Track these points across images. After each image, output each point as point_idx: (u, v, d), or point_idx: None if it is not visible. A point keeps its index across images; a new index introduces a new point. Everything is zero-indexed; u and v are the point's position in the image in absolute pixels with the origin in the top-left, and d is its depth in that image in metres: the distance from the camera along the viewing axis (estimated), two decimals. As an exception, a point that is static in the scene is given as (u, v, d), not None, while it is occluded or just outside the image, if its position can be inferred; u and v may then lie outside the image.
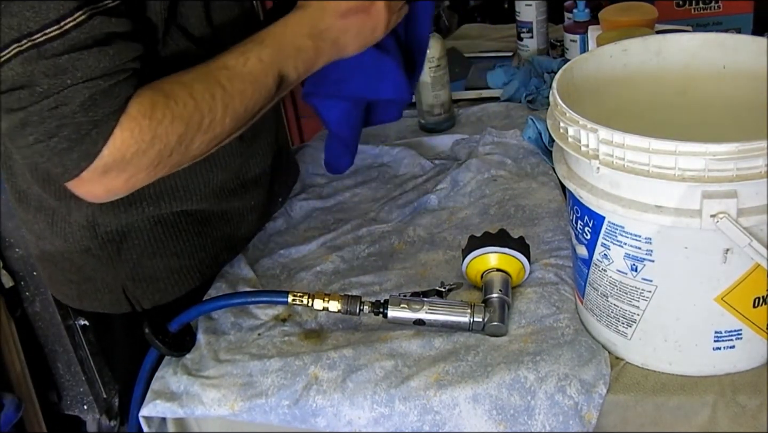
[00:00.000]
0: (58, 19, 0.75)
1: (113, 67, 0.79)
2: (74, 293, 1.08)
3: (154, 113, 0.81)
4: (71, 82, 0.76)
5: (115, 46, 0.80)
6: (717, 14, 1.54)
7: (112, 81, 0.79)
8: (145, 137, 0.81)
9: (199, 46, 0.94)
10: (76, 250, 1.02)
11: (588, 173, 0.77)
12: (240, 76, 0.88)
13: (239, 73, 0.88)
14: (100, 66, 0.78)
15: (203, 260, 1.08)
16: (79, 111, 0.77)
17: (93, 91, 0.77)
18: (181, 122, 0.83)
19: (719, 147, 0.67)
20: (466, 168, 1.22)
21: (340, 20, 0.95)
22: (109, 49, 0.79)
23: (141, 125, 0.80)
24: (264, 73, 0.90)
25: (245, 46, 0.90)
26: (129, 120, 0.80)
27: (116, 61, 0.79)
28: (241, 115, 0.89)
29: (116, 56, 0.79)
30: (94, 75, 0.78)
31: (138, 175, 0.83)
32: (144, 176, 0.84)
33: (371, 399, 0.85)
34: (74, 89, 0.77)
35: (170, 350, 0.94)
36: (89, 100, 0.77)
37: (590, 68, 0.90)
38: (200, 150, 0.87)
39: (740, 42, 0.89)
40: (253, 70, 0.89)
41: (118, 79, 0.79)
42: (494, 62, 1.62)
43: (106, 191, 0.84)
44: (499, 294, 0.90)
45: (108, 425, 1.95)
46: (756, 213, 0.70)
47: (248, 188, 1.11)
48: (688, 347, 0.80)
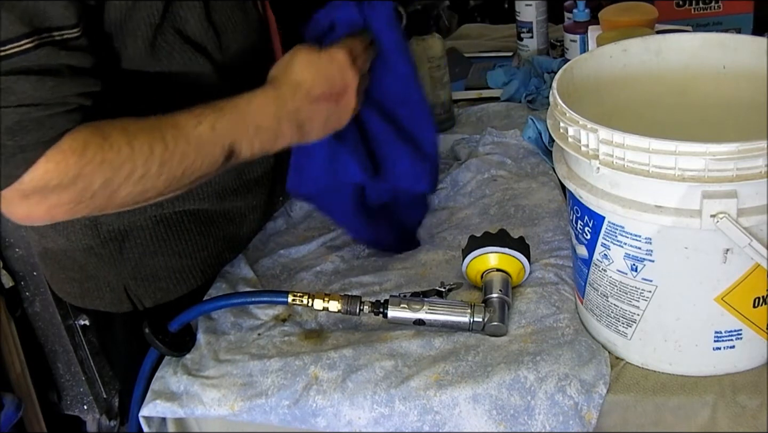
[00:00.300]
0: (4, 42, 0.74)
1: (50, 99, 0.77)
2: (76, 291, 1.08)
3: (85, 152, 0.79)
4: (2, 104, 0.75)
5: (58, 78, 0.78)
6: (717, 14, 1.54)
7: (46, 112, 0.77)
8: (69, 173, 0.79)
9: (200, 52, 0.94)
10: (78, 248, 1.02)
11: (588, 173, 0.77)
12: (186, 138, 0.84)
13: (186, 135, 0.84)
14: (35, 95, 0.76)
15: (205, 260, 1.08)
16: (4, 134, 0.76)
17: (22, 118, 0.76)
18: (110, 168, 0.80)
19: (719, 147, 0.67)
20: (466, 168, 1.22)
21: (310, 105, 0.91)
22: (50, 80, 0.77)
23: (68, 161, 0.78)
24: (212, 143, 0.85)
25: (203, 110, 0.86)
26: (57, 153, 0.78)
27: (55, 93, 0.78)
28: (178, 178, 0.85)
29: (55, 88, 0.78)
30: (27, 102, 0.76)
31: (59, 208, 0.81)
32: (65, 211, 0.82)
33: (371, 399, 0.85)
34: (3, 112, 0.75)
35: (170, 350, 0.94)
36: (17, 125, 0.76)
37: (590, 68, 0.90)
38: (127, 200, 0.84)
39: (740, 42, 0.89)
40: (202, 136, 0.85)
41: (55, 111, 0.78)
42: (494, 62, 1.62)
43: (26, 216, 0.82)
44: (499, 294, 0.90)
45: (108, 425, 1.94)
46: (756, 213, 0.70)
47: (250, 188, 1.11)
48: (688, 347, 0.80)
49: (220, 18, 0.98)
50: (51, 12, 0.77)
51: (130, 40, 0.88)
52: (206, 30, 0.95)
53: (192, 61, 0.94)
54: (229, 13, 0.99)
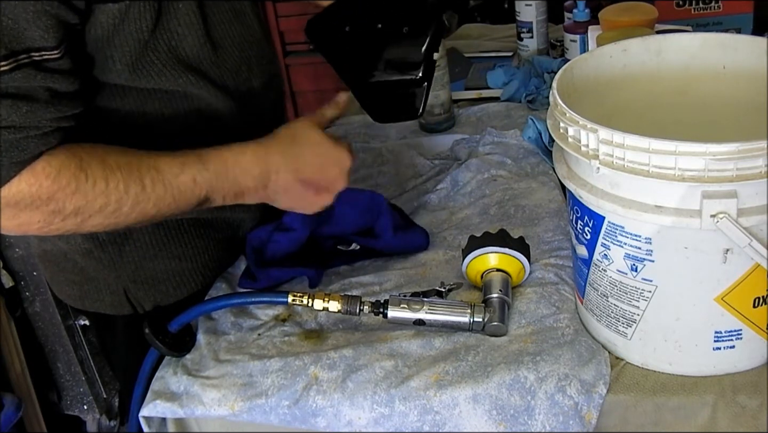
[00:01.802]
0: None
1: (23, 123, 0.77)
2: (76, 293, 1.08)
3: (59, 178, 0.79)
4: None
5: (33, 103, 0.78)
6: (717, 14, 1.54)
7: (19, 135, 0.77)
8: (42, 196, 0.79)
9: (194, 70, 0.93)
10: (77, 251, 1.02)
11: (588, 173, 0.77)
12: (165, 184, 0.86)
13: (166, 182, 0.86)
14: (8, 119, 0.76)
15: (206, 263, 1.07)
16: None
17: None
18: (82, 197, 0.81)
19: (719, 147, 0.67)
20: (466, 168, 1.22)
21: (293, 183, 0.94)
22: (24, 105, 0.77)
23: (41, 183, 0.79)
24: (191, 191, 0.88)
25: (186, 158, 0.87)
26: (31, 174, 0.78)
27: (29, 119, 0.77)
28: (150, 216, 0.88)
29: (30, 114, 0.77)
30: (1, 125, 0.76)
31: (30, 225, 0.82)
32: (36, 229, 0.83)
33: (371, 399, 0.85)
34: None
35: (170, 350, 0.94)
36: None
37: (590, 68, 0.90)
38: (97, 228, 0.86)
39: (740, 42, 0.89)
40: (181, 185, 0.87)
41: (28, 134, 0.78)
42: (494, 62, 1.62)
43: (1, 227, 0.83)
44: (499, 294, 0.90)
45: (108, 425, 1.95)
46: (756, 213, 0.70)
47: None
48: (688, 347, 0.80)
49: (218, 33, 0.97)
50: (31, 33, 0.76)
51: (117, 55, 0.87)
52: (203, 46, 0.94)
53: (184, 79, 0.93)
54: (227, 28, 0.98)
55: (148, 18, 0.87)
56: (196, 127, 0.97)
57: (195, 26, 0.92)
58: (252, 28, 1.03)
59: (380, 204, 1.06)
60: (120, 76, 0.89)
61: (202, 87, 0.95)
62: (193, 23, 0.92)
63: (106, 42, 0.86)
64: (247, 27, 1.02)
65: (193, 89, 0.94)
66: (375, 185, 1.27)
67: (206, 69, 0.95)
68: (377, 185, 1.27)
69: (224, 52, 0.97)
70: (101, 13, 0.83)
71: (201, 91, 0.95)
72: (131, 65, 0.88)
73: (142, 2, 0.86)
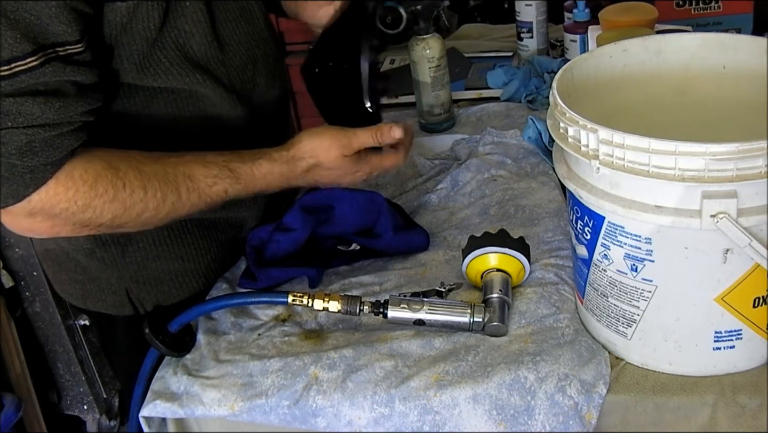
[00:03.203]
0: (9, 60, 0.74)
1: (57, 119, 0.78)
2: (78, 292, 1.08)
3: (96, 185, 0.81)
4: (11, 125, 0.75)
5: (64, 98, 0.78)
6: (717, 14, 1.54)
7: (54, 132, 0.78)
8: (79, 202, 0.80)
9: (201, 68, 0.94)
10: (80, 251, 1.02)
11: (588, 173, 0.77)
12: (199, 193, 0.90)
13: (200, 191, 0.90)
14: (43, 116, 0.77)
15: (208, 264, 1.07)
16: (14, 154, 0.76)
17: (32, 138, 0.76)
18: (120, 206, 0.83)
19: (719, 147, 0.67)
20: (466, 168, 1.22)
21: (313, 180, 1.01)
22: (56, 101, 0.78)
23: (78, 189, 0.80)
24: (221, 200, 0.94)
25: (220, 171, 0.92)
26: (69, 179, 0.79)
27: (62, 114, 0.78)
28: (181, 216, 0.92)
29: (63, 109, 0.78)
30: (36, 123, 0.76)
31: (63, 228, 0.83)
32: (69, 231, 0.84)
33: (371, 399, 0.85)
34: (12, 132, 0.76)
35: (170, 350, 0.94)
36: (26, 146, 0.76)
37: (590, 68, 0.90)
38: (129, 229, 0.90)
39: (740, 42, 0.89)
40: (214, 195, 0.92)
41: (62, 131, 0.78)
42: (494, 62, 1.62)
43: (30, 230, 0.84)
44: (499, 294, 0.90)
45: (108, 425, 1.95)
46: (756, 213, 0.70)
47: (254, 197, 1.10)
48: (688, 347, 0.80)
49: (225, 32, 0.97)
50: (54, 28, 0.76)
51: (125, 54, 0.87)
52: (210, 44, 0.94)
53: (190, 78, 0.93)
54: (233, 26, 0.98)
55: (156, 16, 0.87)
56: (202, 127, 0.97)
57: (202, 24, 0.93)
58: (258, 27, 1.04)
59: (380, 204, 1.06)
60: (127, 74, 0.89)
61: (208, 86, 0.95)
62: (201, 21, 0.93)
63: (115, 41, 0.86)
64: (254, 25, 1.02)
65: (200, 88, 0.95)
66: (375, 185, 1.27)
67: (213, 67, 0.95)
68: (377, 185, 1.27)
69: (231, 50, 0.98)
70: (110, 12, 0.84)
71: (207, 90, 0.95)
72: (139, 64, 0.89)
73: (150, 0, 0.86)
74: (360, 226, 1.05)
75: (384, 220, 1.05)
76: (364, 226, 1.05)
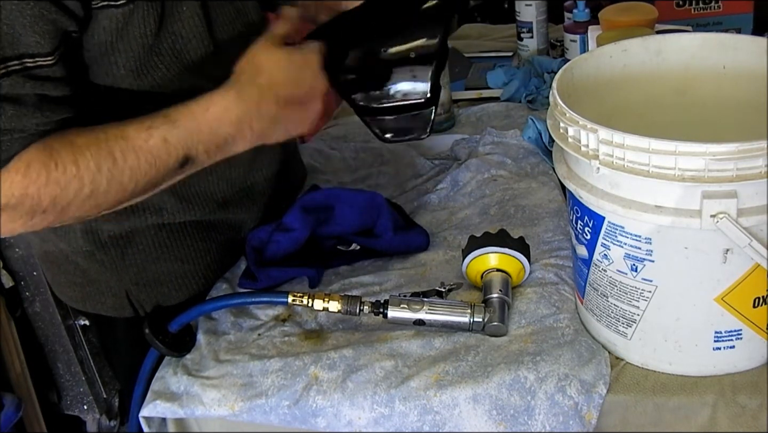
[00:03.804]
0: None
1: (8, 126, 0.77)
2: (78, 295, 1.08)
3: (29, 172, 0.78)
4: None
5: (20, 108, 0.77)
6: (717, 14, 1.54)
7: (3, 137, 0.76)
8: (15, 192, 0.78)
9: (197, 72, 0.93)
10: (79, 253, 1.02)
11: (588, 173, 0.77)
12: (136, 151, 0.82)
13: (137, 148, 0.82)
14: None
15: (207, 265, 1.07)
16: None
17: None
18: (56, 186, 0.79)
19: (719, 147, 0.67)
20: (466, 168, 1.22)
21: (276, 108, 0.88)
22: (10, 109, 0.76)
23: (12, 180, 0.78)
24: (166, 153, 0.83)
25: (153, 121, 0.83)
26: (5, 172, 0.77)
27: (13, 123, 0.77)
28: (129, 190, 0.84)
29: (15, 118, 0.77)
30: None
31: (13, 224, 0.80)
32: (20, 226, 0.81)
33: (371, 399, 0.85)
34: None
35: (170, 350, 0.94)
36: None
37: (590, 68, 0.90)
38: (79, 214, 0.83)
39: (740, 42, 0.89)
40: (153, 149, 0.82)
41: (12, 137, 0.77)
42: (494, 62, 1.62)
43: None
44: (499, 294, 0.90)
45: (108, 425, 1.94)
46: (756, 213, 0.70)
47: (254, 199, 1.10)
48: (688, 347, 0.80)
49: (222, 35, 0.96)
50: (26, 39, 0.76)
51: (121, 61, 0.87)
52: (207, 47, 0.94)
53: (187, 83, 0.92)
54: (230, 28, 0.98)
55: (151, 21, 0.86)
56: None
57: (199, 28, 0.92)
58: (254, 28, 1.03)
59: (380, 204, 1.06)
60: (123, 80, 0.88)
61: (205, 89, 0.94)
62: (197, 25, 0.92)
63: (110, 47, 0.85)
64: (250, 26, 1.02)
65: (196, 91, 0.94)
66: (375, 185, 1.27)
67: (210, 71, 0.95)
68: (377, 185, 1.27)
69: (227, 52, 0.97)
70: (104, 18, 0.82)
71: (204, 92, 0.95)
72: (135, 70, 0.88)
73: (145, 4, 0.85)
74: (360, 226, 1.05)
75: (384, 220, 1.05)
76: (363, 226, 1.06)
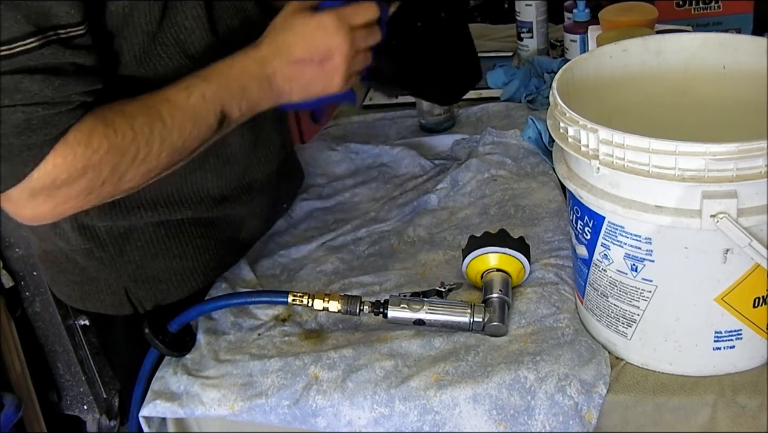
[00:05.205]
0: (9, 40, 0.74)
1: (56, 97, 0.77)
2: (77, 293, 1.08)
3: (91, 141, 0.79)
4: (8, 102, 0.75)
5: (63, 77, 0.78)
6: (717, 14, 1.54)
7: (52, 110, 0.77)
8: (78, 165, 0.79)
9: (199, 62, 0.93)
10: (78, 251, 1.02)
11: (588, 173, 0.77)
12: (181, 110, 0.86)
13: (180, 108, 0.86)
14: (41, 94, 0.76)
15: (207, 263, 1.07)
16: (11, 133, 0.76)
17: (29, 117, 0.76)
18: (117, 153, 0.81)
19: (719, 147, 0.67)
20: (466, 168, 1.22)
21: (289, 66, 0.92)
22: (56, 80, 0.77)
23: (76, 152, 0.79)
24: (206, 110, 0.88)
25: (189, 81, 0.88)
26: (65, 146, 0.78)
27: (60, 92, 0.78)
28: (179, 150, 0.87)
29: (61, 88, 0.78)
30: (33, 101, 0.76)
31: (67, 203, 0.82)
32: (72, 205, 0.83)
33: (371, 399, 0.85)
34: (10, 110, 0.75)
35: (170, 350, 0.94)
36: (24, 123, 0.76)
37: (590, 68, 0.90)
38: (133, 182, 0.86)
39: (740, 42, 0.89)
40: (195, 106, 0.87)
41: (60, 110, 0.78)
42: (494, 62, 1.62)
43: (33, 214, 0.83)
44: (499, 294, 0.90)
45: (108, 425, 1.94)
46: (756, 213, 0.70)
47: (252, 195, 1.10)
48: (688, 347, 0.80)
49: (223, 29, 0.97)
50: (57, 10, 0.77)
51: (126, 47, 0.88)
52: (209, 39, 0.94)
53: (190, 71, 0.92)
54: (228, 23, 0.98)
55: (156, 10, 0.88)
56: None
57: (201, 19, 0.93)
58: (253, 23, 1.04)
59: None
60: (126, 67, 0.89)
61: None
62: (200, 17, 0.93)
63: (117, 33, 0.87)
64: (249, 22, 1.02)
65: None
66: (375, 185, 1.28)
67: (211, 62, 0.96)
68: (377, 185, 1.27)
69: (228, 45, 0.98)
70: (111, 4, 0.84)
71: None
72: (139, 58, 0.89)
73: None
74: None
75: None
76: None
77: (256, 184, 1.10)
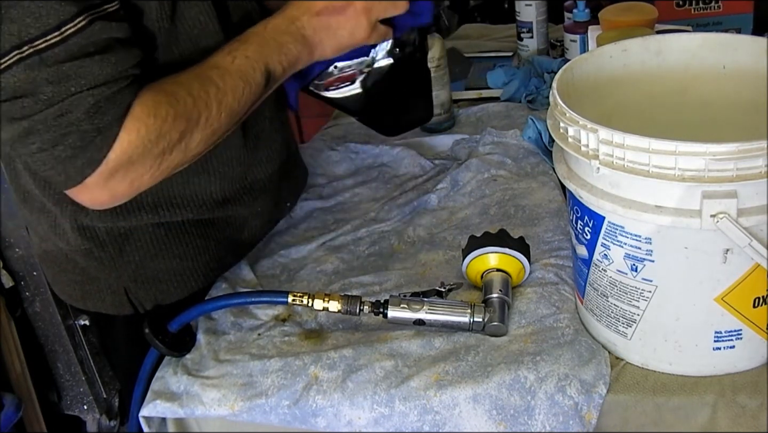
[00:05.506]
0: (58, 25, 0.75)
1: (116, 74, 0.79)
2: (77, 293, 1.08)
3: (158, 111, 0.82)
4: (75, 89, 0.77)
5: (116, 53, 0.80)
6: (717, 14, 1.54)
7: (115, 88, 0.79)
8: (151, 136, 0.82)
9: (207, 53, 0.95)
10: (78, 251, 1.02)
11: (588, 173, 0.77)
12: (230, 73, 0.89)
13: (229, 71, 0.89)
14: (103, 73, 0.78)
15: (207, 263, 1.07)
16: (84, 119, 0.77)
17: (98, 99, 0.78)
18: (182, 119, 0.84)
19: (719, 147, 0.67)
20: (466, 168, 1.22)
21: (315, 18, 0.96)
22: (111, 56, 0.79)
23: (146, 124, 0.81)
24: (252, 69, 0.91)
25: (231, 46, 0.92)
26: (134, 121, 0.80)
27: (119, 68, 0.80)
28: (235, 111, 0.91)
29: (118, 63, 0.80)
30: (98, 82, 0.78)
31: (143, 176, 0.84)
32: (148, 177, 0.85)
33: (371, 399, 0.85)
34: (79, 97, 0.77)
35: (170, 350, 0.94)
36: (94, 107, 0.78)
37: (590, 68, 0.90)
38: (199, 147, 0.88)
39: (740, 42, 0.89)
40: (241, 67, 0.90)
41: (121, 86, 0.80)
42: (494, 62, 1.62)
43: (111, 196, 0.85)
44: (499, 294, 0.90)
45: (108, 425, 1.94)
46: (756, 213, 0.70)
47: (255, 196, 1.10)
48: (688, 347, 0.80)
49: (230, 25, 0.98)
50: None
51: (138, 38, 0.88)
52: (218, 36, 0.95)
53: None
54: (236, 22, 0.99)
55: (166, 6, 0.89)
56: None
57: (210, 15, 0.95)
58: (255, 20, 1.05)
59: None
60: None
61: None
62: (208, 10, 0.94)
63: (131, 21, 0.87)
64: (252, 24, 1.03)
65: None
66: (375, 185, 1.28)
67: None
68: (377, 185, 1.27)
69: None
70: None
71: None
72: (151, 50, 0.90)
73: None
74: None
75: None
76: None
77: (258, 184, 1.10)
